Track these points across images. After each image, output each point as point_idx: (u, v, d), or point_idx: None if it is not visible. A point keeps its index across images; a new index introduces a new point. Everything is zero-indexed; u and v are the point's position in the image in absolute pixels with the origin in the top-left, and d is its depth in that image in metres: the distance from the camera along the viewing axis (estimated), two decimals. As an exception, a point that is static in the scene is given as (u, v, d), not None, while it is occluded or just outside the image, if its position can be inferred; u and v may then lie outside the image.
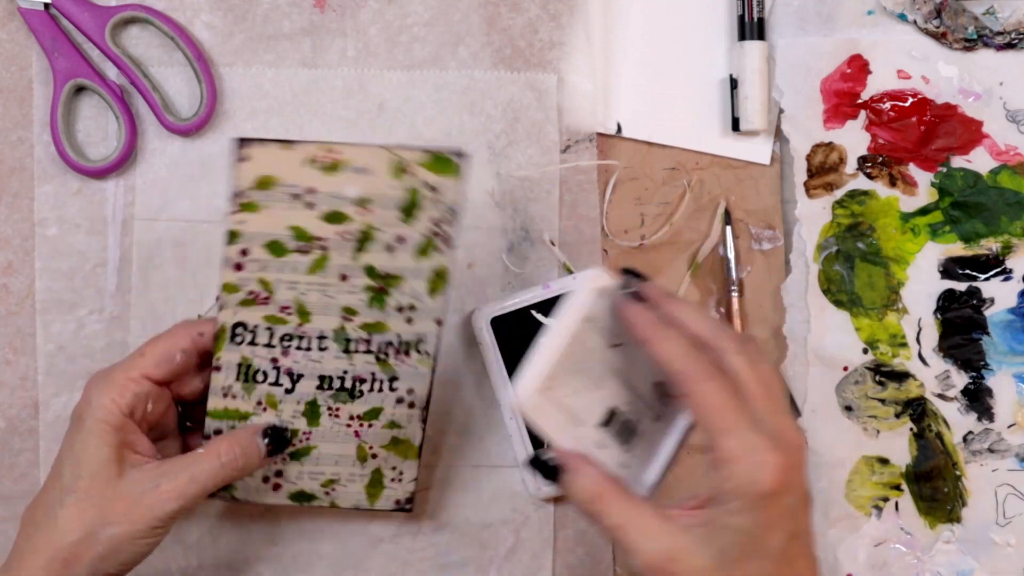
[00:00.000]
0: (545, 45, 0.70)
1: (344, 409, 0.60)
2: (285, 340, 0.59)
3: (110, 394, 0.56)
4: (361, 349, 0.59)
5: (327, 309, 0.58)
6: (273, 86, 0.69)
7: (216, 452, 0.57)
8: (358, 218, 0.57)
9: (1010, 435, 0.69)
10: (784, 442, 0.49)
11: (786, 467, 0.48)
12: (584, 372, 0.53)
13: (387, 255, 0.58)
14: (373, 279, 0.58)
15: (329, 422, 0.61)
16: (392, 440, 0.62)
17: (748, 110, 0.69)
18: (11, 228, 0.69)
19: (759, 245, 0.71)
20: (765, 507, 0.48)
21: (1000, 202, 0.70)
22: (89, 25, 0.67)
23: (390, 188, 0.57)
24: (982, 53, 0.70)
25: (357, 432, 0.61)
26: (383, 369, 0.60)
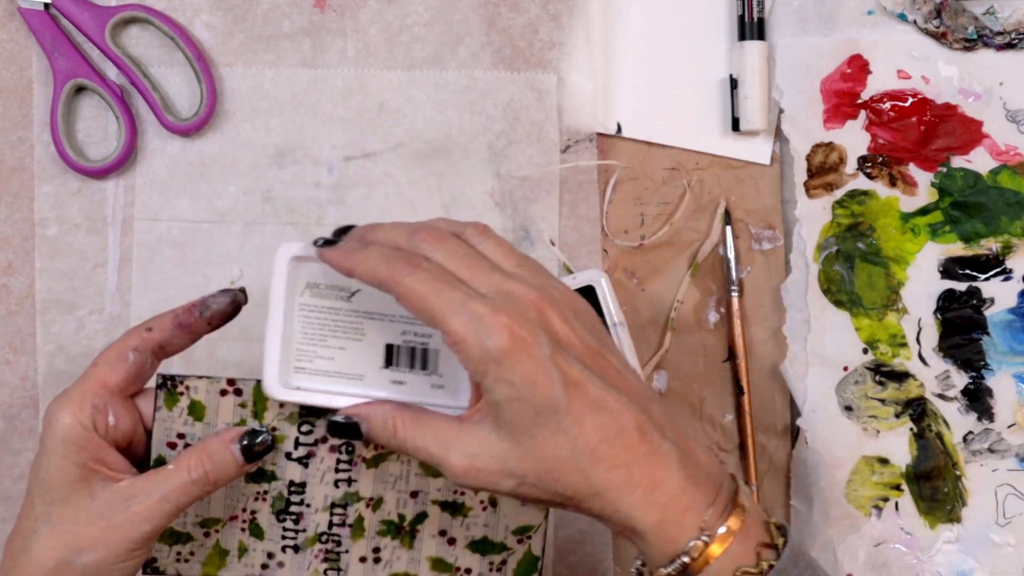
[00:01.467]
0: (545, 45, 0.70)
1: (261, 506, 0.56)
2: (347, 448, 0.56)
3: (68, 410, 0.53)
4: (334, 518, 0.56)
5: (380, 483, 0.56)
6: (273, 86, 0.69)
7: (186, 466, 0.53)
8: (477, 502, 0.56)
9: (1010, 435, 0.69)
10: (508, 298, 0.48)
11: (514, 320, 0.47)
12: (336, 333, 0.54)
13: (436, 531, 0.57)
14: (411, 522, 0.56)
15: (248, 492, 0.56)
16: (224, 551, 0.57)
17: (748, 110, 0.69)
18: (11, 228, 0.69)
19: (759, 245, 0.71)
20: (515, 367, 0.47)
21: (1000, 202, 0.70)
22: (89, 25, 0.67)
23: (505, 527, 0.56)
24: (982, 53, 0.70)
25: (234, 517, 0.57)
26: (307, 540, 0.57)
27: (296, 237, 0.69)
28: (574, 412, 0.48)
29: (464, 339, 0.47)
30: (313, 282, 0.54)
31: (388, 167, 0.69)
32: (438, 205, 0.69)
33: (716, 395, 0.71)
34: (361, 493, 0.56)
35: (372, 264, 0.50)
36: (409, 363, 0.54)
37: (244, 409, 0.55)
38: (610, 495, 0.48)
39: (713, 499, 0.49)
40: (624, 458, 0.48)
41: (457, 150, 0.70)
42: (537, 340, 0.47)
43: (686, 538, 0.48)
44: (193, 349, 0.67)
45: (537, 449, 0.48)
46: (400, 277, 0.48)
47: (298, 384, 0.53)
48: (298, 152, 0.69)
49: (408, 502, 0.56)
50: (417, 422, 0.51)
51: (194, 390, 0.55)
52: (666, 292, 0.70)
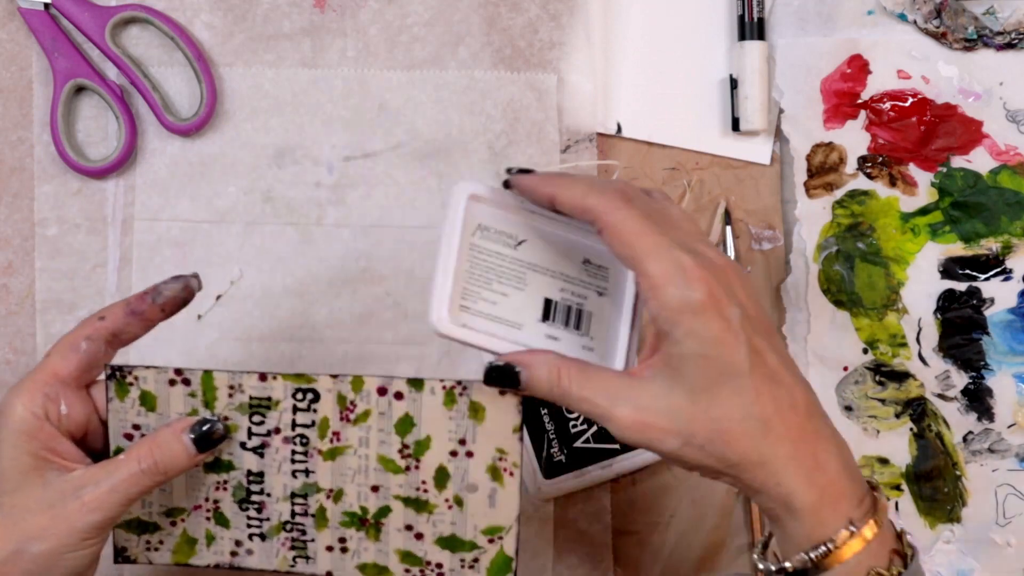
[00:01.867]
0: (545, 45, 0.70)
1: (223, 495, 0.57)
2: (300, 440, 0.56)
3: (20, 400, 0.52)
4: (296, 507, 0.57)
5: (338, 475, 0.56)
6: (273, 86, 0.69)
7: (135, 457, 0.53)
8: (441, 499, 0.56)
9: (1010, 435, 0.69)
10: (707, 260, 0.48)
11: (714, 280, 0.47)
12: (501, 278, 0.53)
13: (401, 525, 0.56)
14: (374, 515, 0.56)
15: (209, 482, 0.56)
16: (191, 539, 0.58)
17: (748, 110, 0.69)
18: (11, 228, 0.69)
19: (759, 245, 0.71)
20: (708, 323, 0.47)
21: (1000, 202, 0.70)
22: (89, 25, 0.67)
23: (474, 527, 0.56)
24: (982, 53, 0.70)
25: (198, 507, 0.57)
26: (273, 527, 0.57)
27: (296, 237, 0.69)
28: (754, 379, 0.47)
29: (665, 285, 0.47)
30: (485, 224, 0.53)
31: (388, 167, 0.69)
32: (438, 205, 0.69)
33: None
34: (320, 484, 0.56)
35: (579, 191, 0.49)
36: (564, 320, 0.54)
37: (194, 399, 0.55)
38: (775, 466, 0.48)
39: (863, 496, 0.49)
40: (794, 433, 0.48)
41: (457, 150, 0.70)
42: (731, 302, 0.47)
43: (836, 525, 0.48)
44: (193, 349, 0.68)
45: (713, 409, 0.47)
46: (612, 208, 0.48)
47: (463, 322, 0.53)
48: (298, 152, 0.69)
49: (369, 495, 0.56)
50: (583, 373, 0.50)
51: (143, 380, 0.55)
52: (666, 292, 0.70)
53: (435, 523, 0.56)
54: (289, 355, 0.69)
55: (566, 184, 0.50)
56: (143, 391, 0.55)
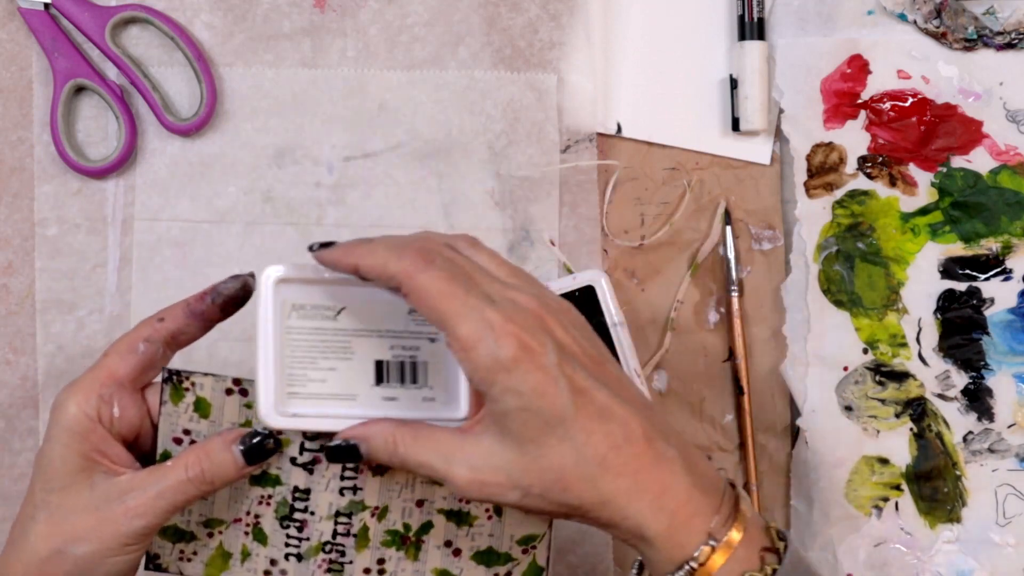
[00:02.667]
0: (545, 45, 0.70)
1: (265, 511, 0.56)
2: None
3: (74, 399, 0.53)
4: (339, 527, 0.56)
5: (385, 492, 0.56)
6: (273, 86, 0.69)
7: (183, 464, 0.53)
8: (482, 511, 0.56)
9: (1010, 435, 0.69)
10: (518, 309, 0.47)
11: (526, 330, 0.47)
12: (325, 354, 0.53)
13: (441, 542, 0.56)
14: (416, 532, 0.56)
15: (251, 496, 0.56)
16: (227, 553, 0.57)
17: (748, 110, 0.69)
18: (11, 228, 0.69)
19: (759, 245, 0.71)
20: (523, 377, 0.46)
21: (1000, 202, 0.70)
22: (89, 25, 0.67)
23: (511, 536, 0.56)
24: (982, 53, 0.70)
25: (238, 520, 0.57)
26: (311, 548, 0.56)
27: (296, 237, 0.69)
28: (581, 421, 0.47)
29: (474, 346, 0.46)
30: (299, 303, 0.52)
31: (388, 167, 0.69)
32: (438, 205, 0.69)
33: (716, 395, 0.71)
34: (366, 502, 0.56)
35: (380, 257, 0.48)
36: (399, 378, 0.53)
37: (250, 410, 0.55)
38: (619, 502, 0.48)
39: (719, 505, 0.49)
40: (632, 465, 0.48)
41: (457, 150, 0.70)
42: (545, 349, 0.47)
43: (694, 544, 0.48)
44: (193, 348, 0.67)
45: (543, 459, 0.47)
46: (414, 271, 0.47)
47: (294, 411, 0.53)
48: (298, 152, 0.69)
49: (414, 511, 0.56)
50: (417, 437, 0.50)
51: (200, 387, 0.55)
52: (666, 292, 0.70)
53: (474, 536, 0.56)
54: (289, 355, 0.69)
55: (366, 253, 0.49)
56: (198, 397, 0.55)
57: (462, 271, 0.48)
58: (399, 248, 0.48)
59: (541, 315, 0.48)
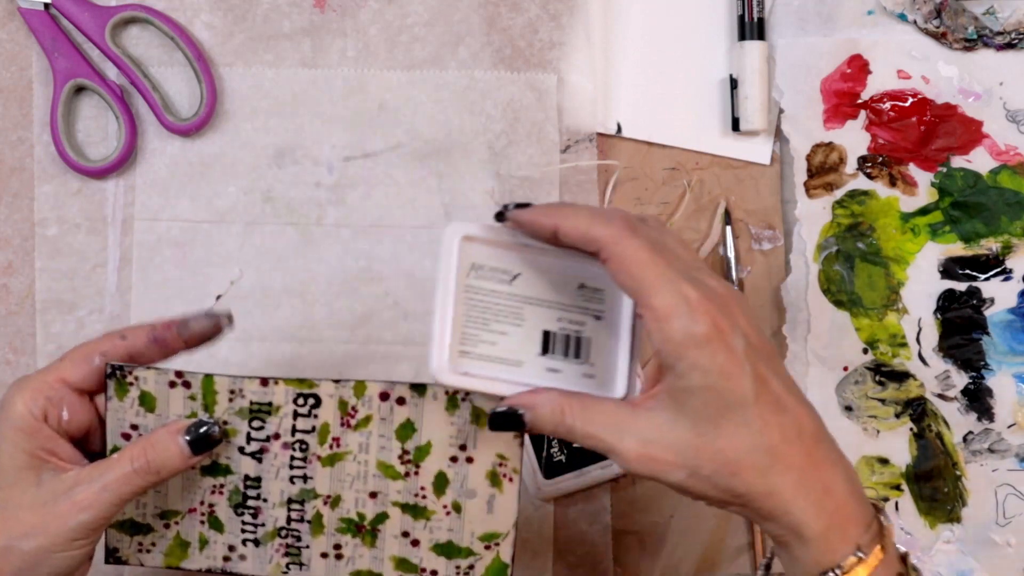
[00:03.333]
0: (545, 45, 0.70)
1: (218, 499, 0.56)
2: (300, 446, 0.56)
3: (22, 398, 0.53)
4: (292, 513, 0.56)
5: (337, 481, 0.56)
6: (273, 86, 0.69)
7: (128, 456, 0.52)
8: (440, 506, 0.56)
9: (1010, 435, 0.69)
10: (711, 290, 0.47)
11: (718, 311, 0.47)
12: (498, 317, 0.53)
13: (398, 532, 0.56)
14: (371, 521, 0.56)
15: (204, 486, 0.56)
16: (184, 542, 0.58)
17: (748, 110, 0.69)
18: (11, 228, 0.69)
19: (759, 245, 0.71)
20: (713, 355, 0.46)
21: (1000, 202, 0.70)
22: (89, 25, 0.67)
23: (471, 533, 0.56)
24: (982, 53, 0.70)
25: (193, 510, 0.57)
26: (267, 533, 0.57)
27: (296, 237, 0.69)
28: (760, 408, 0.47)
29: (670, 318, 0.46)
30: (478, 263, 0.53)
31: (388, 167, 0.69)
32: (438, 205, 0.69)
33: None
34: (318, 490, 0.56)
35: (584, 221, 0.48)
36: (564, 351, 0.53)
37: (194, 402, 0.55)
38: (784, 496, 0.47)
39: (871, 519, 0.49)
40: (800, 461, 0.48)
41: (457, 150, 0.70)
42: (735, 333, 0.47)
43: (845, 551, 0.48)
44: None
45: (719, 441, 0.47)
46: (618, 238, 0.47)
47: (465, 369, 0.52)
48: (298, 152, 0.69)
49: (367, 502, 0.56)
50: (586, 408, 0.49)
51: (143, 380, 0.55)
52: (666, 292, 0.70)
53: (432, 529, 0.56)
54: (289, 355, 0.69)
55: (569, 214, 0.49)
56: (143, 391, 0.55)
57: (663, 245, 0.48)
58: (603, 214, 0.48)
59: (729, 300, 0.48)
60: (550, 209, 0.50)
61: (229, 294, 0.69)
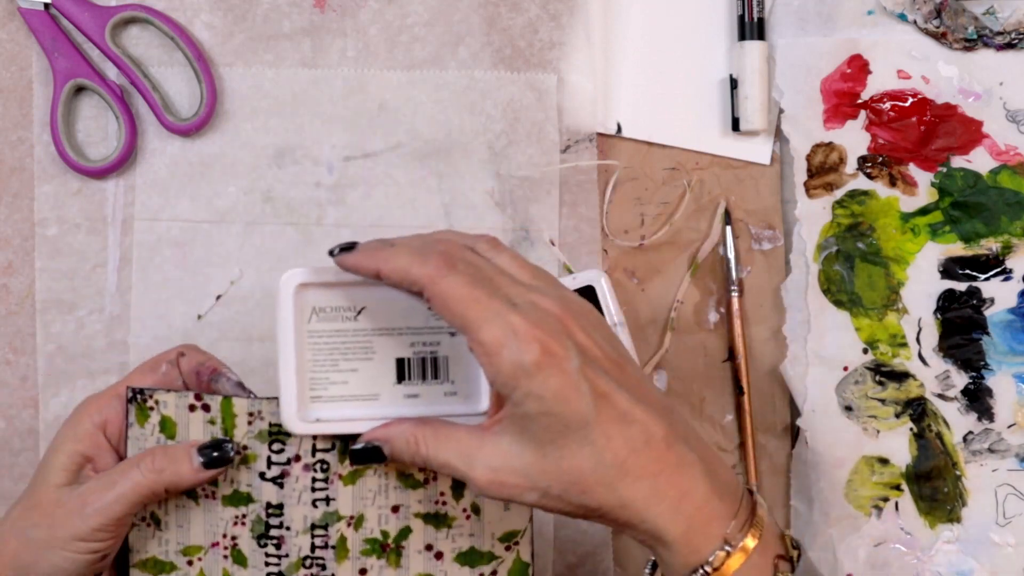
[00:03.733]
0: (545, 45, 0.70)
1: (241, 531, 0.56)
2: (321, 467, 0.55)
3: (87, 407, 0.55)
4: (316, 540, 0.55)
5: (359, 500, 0.55)
6: (273, 86, 0.69)
7: (137, 462, 0.53)
8: (459, 510, 0.56)
9: (1010, 435, 0.69)
10: (541, 313, 0.47)
11: (549, 334, 0.46)
12: (346, 356, 0.52)
13: (422, 546, 0.56)
14: (395, 538, 0.56)
15: (226, 517, 0.56)
16: None
17: (748, 110, 0.69)
18: (11, 228, 0.69)
19: (759, 245, 0.71)
20: (545, 381, 0.46)
21: (1000, 202, 0.70)
22: (89, 25, 0.67)
23: (491, 535, 0.56)
24: (982, 53, 0.70)
25: (216, 544, 0.56)
26: (291, 565, 0.55)
27: (296, 237, 0.69)
28: (602, 425, 0.47)
29: (498, 352, 0.46)
30: (319, 307, 0.52)
31: (388, 167, 0.69)
32: (438, 205, 0.69)
33: (716, 395, 0.71)
34: (341, 512, 0.55)
35: (403, 262, 0.48)
36: (421, 374, 0.53)
37: (214, 426, 0.55)
38: (637, 506, 0.48)
39: (736, 511, 0.49)
40: (652, 469, 0.48)
41: (457, 150, 0.70)
42: (568, 354, 0.47)
43: (710, 548, 0.48)
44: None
45: (563, 462, 0.47)
46: (437, 276, 0.47)
47: (317, 415, 0.52)
48: (298, 152, 0.69)
49: (390, 517, 0.56)
50: (437, 436, 0.50)
51: (163, 405, 0.55)
52: (666, 292, 0.70)
53: (454, 537, 0.56)
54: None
55: (389, 257, 0.49)
56: (163, 416, 0.55)
57: (484, 275, 0.48)
58: (421, 252, 0.48)
59: (564, 318, 0.48)
60: (371, 253, 0.49)
61: (229, 294, 0.69)
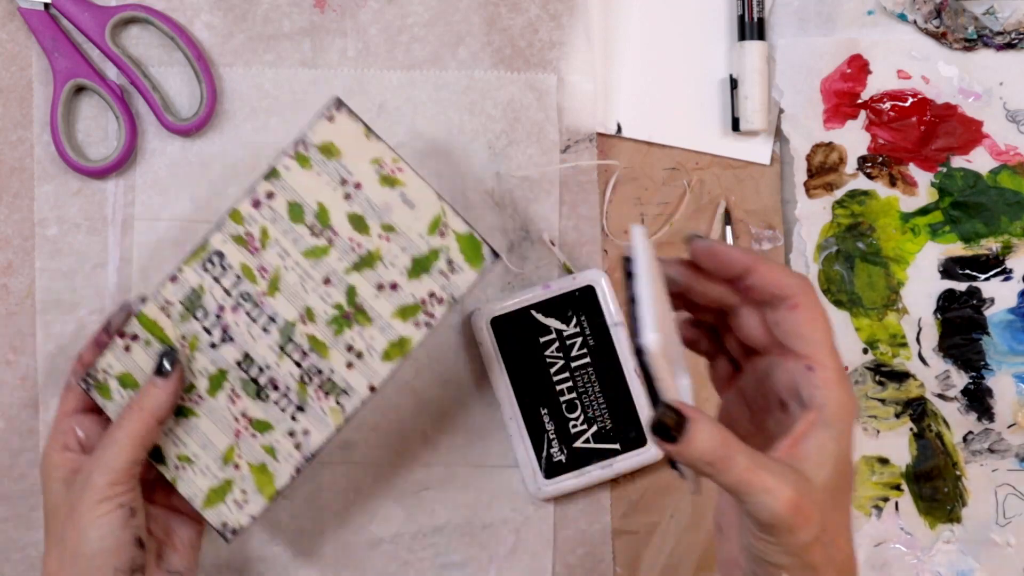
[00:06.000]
0: (545, 45, 0.70)
1: (242, 402, 0.59)
2: (243, 298, 0.58)
3: (48, 446, 0.60)
4: (294, 357, 0.58)
5: (294, 298, 0.58)
6: (273, 86, 0.69)
7: (119, 421, 0.58)
8: (375, 239, 0.57)
9: (1010, 435, 0.69)
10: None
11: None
12: (666, 319, 0.49)
13: (373, 290, 0.57)
14: (348, 302, 0.58)
15: (223, 403, 0.59)
16: (260, 465, 0.59)
17: (748, 110, 0.69)
18: (11, 228, 0.69)
19: (759, 245, 0.71)
20: (848, 433, 0.47)
21: (1000, 202, 0.70)
22: (89, 25, 0.67)
23: (419, 236, 0.57)
24: (982, 53, 0.70)
25: (238, 432, 0.59)
26: (298, 392, 0.58)
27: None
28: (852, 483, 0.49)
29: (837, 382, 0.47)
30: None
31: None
32: (438, 205, 0.69)
33: (716, 395, 0.70)
34: (289, 318, 0.58)
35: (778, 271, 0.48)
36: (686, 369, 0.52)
37: (151, 346, 0.58)
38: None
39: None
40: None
41: (457, 150, 0.70)
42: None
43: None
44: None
45: (841, 512, 0.47)
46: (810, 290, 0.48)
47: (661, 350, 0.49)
48: (298, 152, 0.69)
49: (330, 291, 0.58)
50: (740, 453, 0.45)
51: (110, 367, 0.59)
52: (666, 292, 0.70)
53: (391, 263, 0.57)
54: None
55: (762, 261, 0.48)
56: (118, 376, 0.59)
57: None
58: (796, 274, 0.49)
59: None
60: (749, 253, 0.49)
61: (229, 294, 0.69)
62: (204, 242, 0.58)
